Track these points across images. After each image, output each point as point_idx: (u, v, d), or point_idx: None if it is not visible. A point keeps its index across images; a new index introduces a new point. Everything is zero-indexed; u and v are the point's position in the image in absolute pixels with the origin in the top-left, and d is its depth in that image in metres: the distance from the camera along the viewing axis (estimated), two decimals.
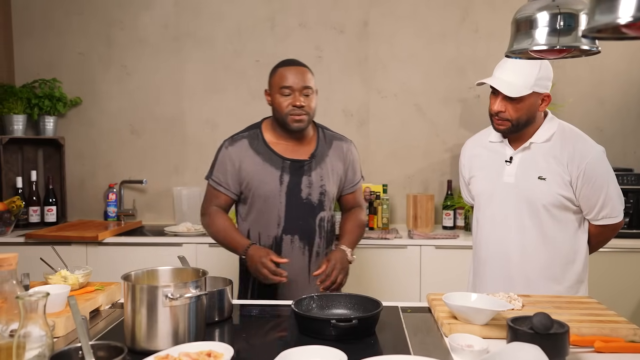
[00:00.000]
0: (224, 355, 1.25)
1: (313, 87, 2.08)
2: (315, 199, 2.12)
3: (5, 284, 1.28)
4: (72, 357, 1.19)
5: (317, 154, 2.14)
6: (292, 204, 2.09)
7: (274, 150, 2.12)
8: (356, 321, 1.45)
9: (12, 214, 3.24)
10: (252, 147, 2.13)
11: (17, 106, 3.49)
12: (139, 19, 3.72)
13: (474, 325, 1.50)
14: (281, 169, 2.10)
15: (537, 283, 1.95)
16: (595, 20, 0.93)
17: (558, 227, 1.94)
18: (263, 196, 2.10)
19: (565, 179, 1.90)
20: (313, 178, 2.11)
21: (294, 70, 2.05)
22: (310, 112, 2.07)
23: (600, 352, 1.39)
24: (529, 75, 1.86)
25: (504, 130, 1.96)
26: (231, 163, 2.13)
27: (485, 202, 2.07)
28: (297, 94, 2.03)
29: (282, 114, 2.06)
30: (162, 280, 1.58)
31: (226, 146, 2.17)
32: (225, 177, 2.14)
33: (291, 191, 2.09)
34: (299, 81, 2.03)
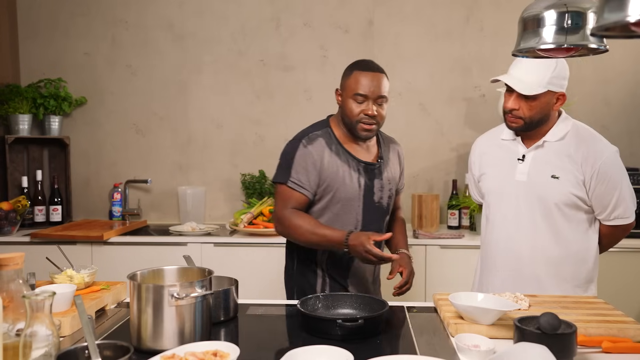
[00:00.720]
0: (230, 355, 1.25)
1: (387, 96, 2.01)
2: (385, 202, 2.10)
3: (12, 283, 1.28)
4: (78, 356, 1.19)
5: (383, 157, 2.12)
6: (368, 207, 2.06)
7: (349, 151, 2.05)
8: (362, 321, 1.45)
9: (17, 214, 3.25)
10: (329, 147, 2.03)
11: (22, 106, 3.50)
12: (144, 19, 3.73)
13: (481, 325, 1.49)
14: (357, 171, 2.04)
15: (547, 282, 1.94)
16: (605, 19, 0.93)
17: (569, 226, 1.93)
18: (343, 199, 2.02)
19: (578, 179, 1.89)
20: (384, 181, 2.09)
21: (372, 77, 1.95)
22: (380, 121, 2.01)
23: (608, 353, 1.38)
24: (544, 73, 1.84)
25: (517, 128, 1.95)
26: (312, 162, 2.00)
27: (496, 200, 2.05)
28: (371, 102, 1.95)
29: (352, 120, 1.99)
30: (168, 279, 1.57)
31: (304, 145, 2.02)
32: (307, 178, 2.00)
33: (367, 194, 2.05)
34: (375, 90, 1.95)
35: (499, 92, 3.41)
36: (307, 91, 3.71)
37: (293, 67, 3.70)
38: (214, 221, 3.70)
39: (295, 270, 2.14)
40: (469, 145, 3.75)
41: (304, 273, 2.11)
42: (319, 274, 2.09)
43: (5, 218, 3.18)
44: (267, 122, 3.74)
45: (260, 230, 3.21)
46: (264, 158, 3.72)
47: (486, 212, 2.12)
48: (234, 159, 3.76)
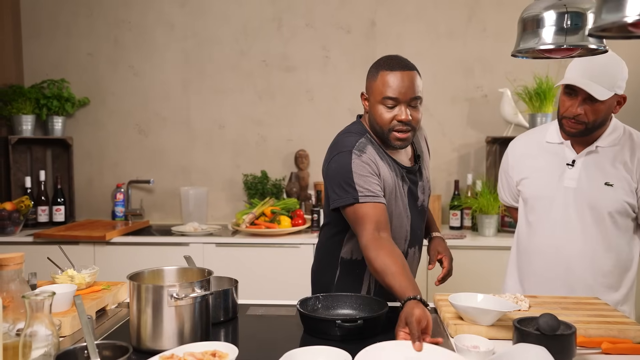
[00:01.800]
0: (229, 355, 1.25)
1: (421, 96, 1.73)
2: (426, 202, 1.93)
3: (12, 283, 1.29)
4: (77, 356, 1.20)
5: (419, 154, 1.91)
6: (414, 215, 1.86)
7: (391, 156, 1.81)
8: (361, 321, 1.45)
9: (20, 214, 3.27)
10: (378, 154, 1.78)
11: (25, 106, 3.52)
12: (146, 19, 3.74)
13: (480, 326, 1.49)
14: (401, 178, 1.81)
15: (596, 290, 1.88)
16: (602, 19, 0.93)
17: (618, 234, 1.88)
18: (396, 212, 1.80)
19: (632, 186, 1.84)
20: (424, 182, 1.91)
21: (402, 76, 1.67)
22: (416, 126, 1.74)
23: (607, 354, 1.37)
24: (613, 76, 1.76)
25: (576, 133, 1.84)
26: (372, 170, 1.73)
27: (542, 206, 1.96)
28: (404, 106, 1.69)
29: (383, 128, 1.73)
30: (168, 280, 1.58)
31: (358, 155, 1.72)
32: (375, 186, 1.71)
33: (412, 202, 1.85)
34: (407, 91, 1.67)
35: (501, 92, 3.41)
36: (309, 91, 3.71)
37: (295, 68, 3.71)
38: (216, 221, 3.71)
39: (338, 279, 1.91)
40: (470, 145, 3.76)
41: (346, 282, 1.89)
42: (364, 282, 1.89)
43: (9, 218, 3.19)
44: (269, 123, 3.74)
45: (262, 230, 3.21)
46: (266, 158, 3.73)
47: (528, 216, 2.02)
48: (236, 160, 3.77)
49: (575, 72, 1.81)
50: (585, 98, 1.77)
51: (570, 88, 1.80)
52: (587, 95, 1.76)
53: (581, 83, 1.75)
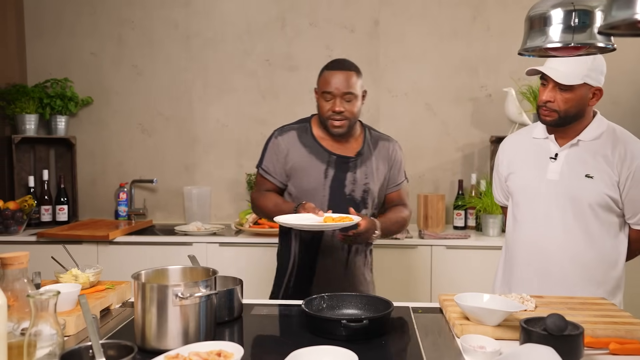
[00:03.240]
0: (234, 355, 1.24)
1: (356, 92, 2.06)
2: (359, 195, 2.13)
3: (16, 282, 1.28)
4: (82, 355, 1.19)
5: (363, 152, 2.16)
6: (336, 198, 2.10)
7: (321, 144, 2.14)
8: (367, 321, 1.44)
9: (24, 213, 3.26)
10: (300, 140, 2.16)
11: (29, 106, 3.51)
12: (150, 19, 3.73)
13: (486, 326, 1.48)
14: (327, 163, 2.12)
15: (577, 285, 1.90)
16: (612, 16, 0.92)
17: (601, 228, 1.89)
18: (307, 188, 2.12)
19: (613, 179, 1.85)
20: (357, 175, 2.13)
21: (338, 75, 2.04)
22: (350, 117, 2.07)
23: (615, 354, 1.36)
24: (581, 64, 1.81)
25: (551, 122, 1.90)
26: (279, 152, 2.16)
27: (526, 199, 2.00)
28: (338, 100, 2.04)
29: (323, 116, 2.09)
30: (172, 279, 1.57)
31: (275, 136, 2.19)
32: (274, 166, 2.17)
33: (335, 185, 2.11)
34: (340, 87, 2.03)
35: (505, 92, 3.39)
36: (313, 91, 3.69)
37: (298, 67, 3.70)
38: (219, 221, 3.71)
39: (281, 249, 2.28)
40: (475, 145, 3.75)
41: (282, 253, 2.25)
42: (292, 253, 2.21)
43: (12, 217, 3.19)
44: (273, 122, 3.70)
45: (265, 230, 3.20)
46: None
47: (514, 211, 2.06)
48: (240, 159, 3.76)
49: (546, 61, 1.89)
50: (555, 86, 1.85)
51: (543, 78, 1.88)
52: (555, 82, 1.84)
53: (545, 68, 1.85)
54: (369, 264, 2.28)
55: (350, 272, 2.17)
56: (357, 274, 2.19)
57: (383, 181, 2.20)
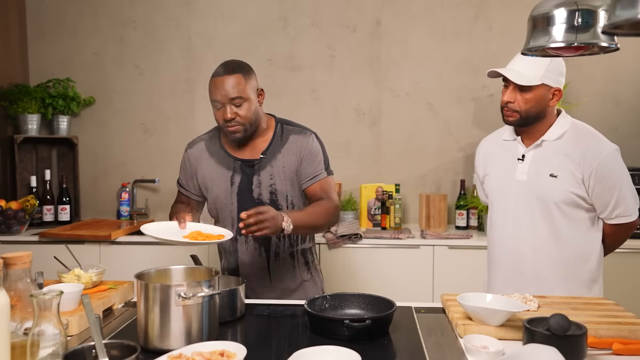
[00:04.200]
0: (237, 355, 1.24)
1: (245, 95, 1.95)
2: (266, 198, 2.05)
3: (19, 282, 1.28)
4: (85, 355, 1.19)
5: (269, 152, 2.06)
6: (244, 205, 2.02)
7: (227, 151, 2.09)
8: (369, 321, 1.44)
9: (26, 213, 3.27)
10: (208, 149, 2.12)
11: (31, 106, 3.52)
12: (152, 19, 3.73)
13: (489, 326, 1.48)
14: (232, 169, 2.07)
15: (549, 281, 1.95)
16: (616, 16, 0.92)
17: (570, 225, 1.93)
18: (216, 197, 2.09)
19: (577, 177, 1.89)
20: (262, 177, 2.05)
21: (221, 81, 1.94)
22: (244, 121, 1.97)
23: (618, 355, 1.36)
24: (539, 66, 1.87)
25: (513, 122, 1.96)
26: (189, 165, 2.15)
27: (498, 200, 2.07)
28: (227, 107, 1.94)
29: (219, 125, 2.03)
30: (175, 279, 1.57)
31: (186, 149, 2.18)
32: (186, 180, 2.17)
33: (242, 192, 2.06)
34: (227, 93, 1.93)
35: None
36: (315, 91, 3.70)
37: (300, 67, 3.70)
38: None
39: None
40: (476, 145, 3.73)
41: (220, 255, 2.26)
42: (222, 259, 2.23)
43: (14, 217, 3.19)
44: None
45: None
46: None
47: (490, 212, 2.13)
48: None
49: (508, 64, 1.96)
50: (515, 87, 1.91)
51: (505, 80, 1.94)
52: (515, 83, 1.89)
53: (505, 70, 1.92)
54: (305, 264, 2.16)
55: (276, 277, 2.09)
56: (286, 279, 2.11)
57: (294, 177, 2.07)
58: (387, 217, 3.44)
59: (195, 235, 1.81)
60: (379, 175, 3.71)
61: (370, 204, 3.54)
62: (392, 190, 3.49)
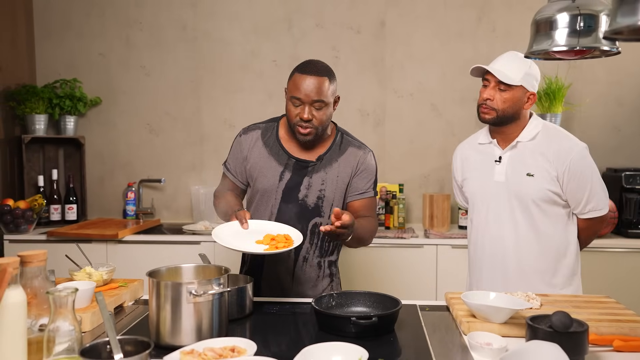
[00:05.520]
0: (247, 351, 1.28)
1: (327, 100, 1.93)
2: (312, 202, 2.03)
3: (35, 279, 1.31)
4: (100, 350, 1.22)
5: (326, 157, 2.05)
6: (287, 203, 2.03)
7: (283, 146, 2.06)
8: (376, 319, 1.47)
9: (34, 212, 3.30)
10: (263, 139, 2.09)
11: (38, 106, 3.55)
12: (158, 19, 3.77)
13: (493, 324, 1.51)
14: (284, 165, 2.04)
15: (531, 277, 2.03)
16: (617, 22, 0.95)
17: (548, 221, 2.02)
18: (261, 189, 2.06)
19: (552, 175, 1.98)
20: (313, 180, 2.03)
21: (309, 81, 1.90)
22: (319, 125, 1.96)
23: (619, 351, 1.39)
24: (519, 69, 1.98)
25: (489, 120, 2.04)
26: (240, 151, 2.11)
27: (478, 202, 2.15)
28: (307, 107, 1.92)
29: (290, 121, 1.99)
30: (186, 277, 1.61)
31: (240, 134, 2.15)
32: (235, 165, 2.13)
33: (289, 189, 2.03)
34: (310, 94, 1.90)
35: None
36: None
37: None
38: None
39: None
40: None
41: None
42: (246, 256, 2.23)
43: (22, 216, 3.23)
44: None
45: None
46: None
47: (471, 214, 2.21)
48: None
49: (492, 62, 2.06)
50: (495, 85, 2.00)
51: (485, 79, 2.04)
52: (496, 82, 1.99)
53: (489, 67, 2.01)
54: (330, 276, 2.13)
55: (297, 281, 2.07)
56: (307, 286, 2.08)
57: (345, 188, 2.06)
58: (391, 217, 3.47)
59: (272, 243, 1.79)
60: (383, 175, 3.73)
61: None
62: (396, 190, 3.52)
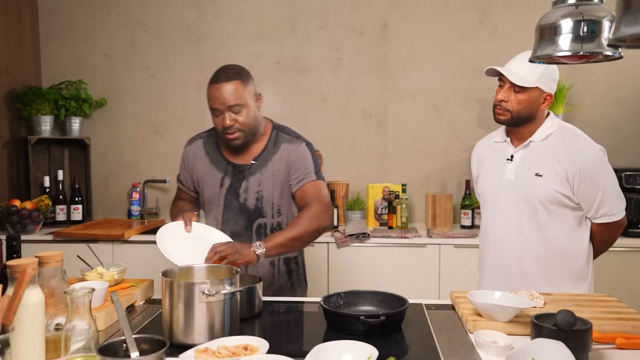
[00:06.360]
0: (260, 349, 1.31)
1: (243, 102, 1.97)
2: (252, 204, 2.08)
3: (52, 280, 1.35)
4: (117, 349, 1.25)
5: (261, 158, 2.09)
6: (229, 208, 2.09)
7: (222, 153, 2.12)
8: (384, 317, 1.50)
9: (40, 213, 3.34)
10: (205, 149, 2.16)
11: (44, 107, 3.58)
12: (162, 21, 3.80)
13: (498, 322, 1.54)
14: (224, 172, 2.10)
15: (533, 277, 2.02)
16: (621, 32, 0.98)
17: (555, 223, 1.99)
18: (207, 197, 2.13)
19: (561, 176, 1.95)
20: (250, 183, 2.08)
21: (220, 89, 1.96)
22: (244, 127, 1.99)
23: (622, 349, 1.43)
24: (535, 70, 1.95)
25: (504, 121, 2.04)
26: (187, 162, 2.20)
27: (488, 199, 2.16)
28: (226, 114, 1.96)
29: (218, 132, 2.04)
30: (198, 277, 1.64)
31: (186, 145, 2.22)
32: (184, 176, 2.22)
33: (230, 195, 2.09)
34: (225, 101, 1.95)
35: None
36: (323, 93, 3.77)
37: (308, 69, 3.76)
38: None
39: None
40: None
41: None
42: None
43: (29, 217, 3.26)
44: (283, 123, 3.78)
45: None
46: None
47: (482, 211, 2.22)
48: None
49: (508, 63, 2.05)
50: (510, 87, 1.98)
51: (501, 79, 2.03)
52: (510, 83, 1.97)
53: (503, 69, 1.99)
54: (287, 273, 2.18)
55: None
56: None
57: (284, 184, 2.10)
58: (394, 217, 3.50)
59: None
60: (386, 175, 3.77)
61: (377, 203, 3.60)
62: (399, 190, 3.55)
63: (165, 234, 1.91)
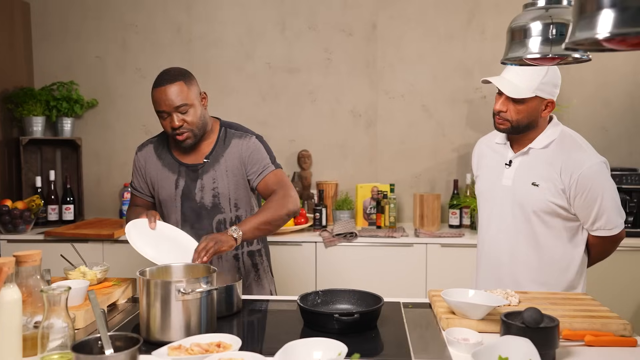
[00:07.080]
0: (233, 346, 1.34)
1: (189, 101, 2.00)
2: (209, 201, 2.11)
3: (30, 278, 1.37)
4: (92, 346, 1.27)
5: (212, 156, 2.12)
6: (187, 208, 2.11)
7: (173, 154, 2.14)
8: (358, 315, 1.53)
9: (31, 213, 3.36)
10: (156, 152, 2.18)
11: (36, 108, 3.61)
12: (153, 23, 3.82)
13: (471, 320, 1.57)
14: (177, 173, 2.12)
15: (525, 286, 1.98)
16: (576, 36, 1.01)
17: (549, 233, 1.95)
18: (162, 200, 2.15)
19: (558, 187, 1.90)
20: (205, 181, 2.11)
21: (163, 92, 1.97)
22: (192, 127, 2.02)
23: (590, 346, 1.45)
24: (533, 78, 1.87)
25: (505, 130, 1.98)
26: (139, 168, 2.21)
27: (484, 201, 2.13)
28: (173, 115, 1.98)
29: (168, 134, 2.07)
30: (175, 275, 1.67)
31: (136, 152, 2.23)
32: (139, 182, 2.22)
33: (185, 195, 2.11)
34: (170, 102, 1.97)
35: None
36: (312, 93, 3.79)
37: (298, 70, 3.79)
38: None
39: None
40: (470, 145, 3.82)
41: None
42: None
43: (20, 217, 3.29)
44: (273, 124, 3.82)
45: None
46: None
47: (479, 212, 2.19)
48: None
49: (503, 72, 1.96)
50: (507, 97, 1.91)
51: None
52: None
53: (496, 80, 1.93)
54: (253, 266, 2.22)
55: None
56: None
57: (240, 180, 2.13)
58: (382, 216, 3.53)
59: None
60: (375, 175, 3.80)
61: (365, 203, 3.63)
62: (387, 190, 3.58)
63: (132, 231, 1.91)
